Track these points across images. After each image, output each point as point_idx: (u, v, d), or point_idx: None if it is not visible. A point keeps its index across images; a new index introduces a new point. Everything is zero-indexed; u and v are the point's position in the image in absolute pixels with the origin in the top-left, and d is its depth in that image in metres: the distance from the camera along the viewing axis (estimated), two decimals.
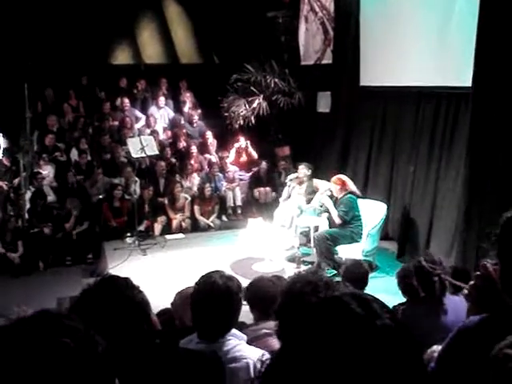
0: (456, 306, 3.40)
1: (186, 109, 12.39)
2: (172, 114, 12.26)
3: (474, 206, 6.88)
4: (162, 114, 12.13)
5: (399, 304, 4.02)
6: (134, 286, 1.94)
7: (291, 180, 9.00)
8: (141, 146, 8.95)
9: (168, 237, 9.45)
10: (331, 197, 8.11)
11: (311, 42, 11.31)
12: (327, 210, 8.09)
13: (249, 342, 2.65)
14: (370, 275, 7.66)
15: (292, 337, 1.03)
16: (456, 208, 7.39)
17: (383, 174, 9.31)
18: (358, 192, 8.05)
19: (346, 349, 0.94)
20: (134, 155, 9.18)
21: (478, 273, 1.77)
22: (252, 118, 11.29)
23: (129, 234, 9.19)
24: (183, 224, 9.85)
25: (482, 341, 1.35)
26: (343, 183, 7.91)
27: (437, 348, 2.04)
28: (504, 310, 1.42)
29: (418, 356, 1.02)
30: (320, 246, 7.64)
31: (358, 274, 4.43)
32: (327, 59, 10.84)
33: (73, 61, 11.67)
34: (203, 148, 11.56)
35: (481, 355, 1.26)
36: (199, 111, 12.33)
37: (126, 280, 1.95)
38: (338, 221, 7.83)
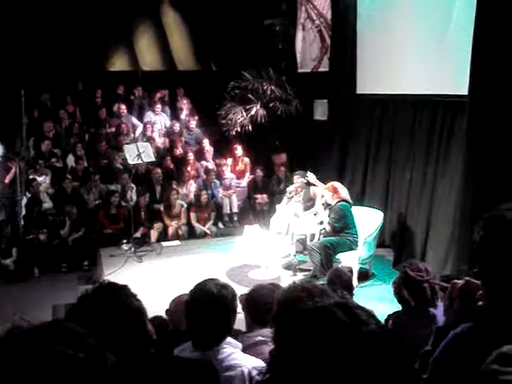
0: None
1: (183, 116, 12.40)
2: (169, 121, 12.28)
3: (470, 214, 6.89)
4: (158, 120, 12.14)
5: (394, 312, 4.02)
6: (132, 294, 1.92)
7: (291, 192, 9.00)
8: (137, 152, 8.95)
9: (164, 244, 9.44)
10: (327, 204, 8.12)
11: (308, 49, 11.34)
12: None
13: (243, 350, 2.64)
14: (367, 283, 7.78)
15: (285, 344, 1.05)
16: (452, 216, 7.40)
17: (380, 181, 9.33)
18: (349, 199, 8.05)
19: (334, 355, 0.97)
20: (131, 162, 9.18)
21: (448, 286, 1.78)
22: (249, 125, 11.30)
23: (125, 241, 9.17)
24: (179, 231, 9.84)
25: (478, 346, 1.35)
26: (335, 190, 7.91)
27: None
28: (488, 321, 1.44)
29: (406, 360, 1.03)
30: (318, 254, 7.61)
31: (343, 280, 4.42)
32: (324, 67, 10.87)
33: (70, 67, 11.69)
34: (200, 155, 11.57)
35: (477, 361, 1.26)
36: (196, 118, 12.34)
37: (124, 287, 1.94)
38: (328, 228, 7.87)
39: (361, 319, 1.02)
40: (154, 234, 9.67)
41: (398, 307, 4.02)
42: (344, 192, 8.02)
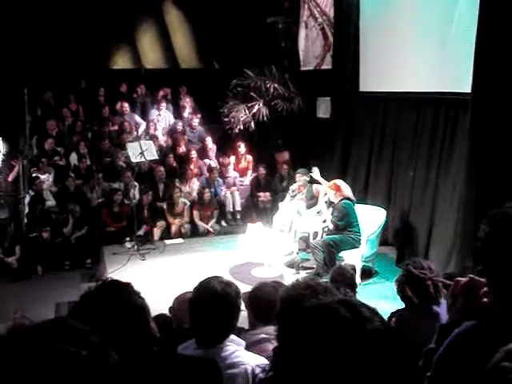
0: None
1: (185, 114, 12.41)
2: (172, 119, 12.29)
3: (473, 212, 6.87)
4: (162, 117, 12.15)
5: (397, 310, 4.01)
6: (135, 292, 1.92)
7: (293, 191, 8.99)
8: (140, 150, 8.96)
9: (167, 242, 9.45)
10: (330, 202, 8.12)
11: (311, 47, 11.32)
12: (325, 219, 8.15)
13: (247, 348, 2.64)
14: (370, 281, 7.78)
15: (288, 341, 1.05)
16: (455, 214, 7.39)
17: (383, 179, 9.31)
18: (352, 197, 8.04)
19: (338, 353, 0.96)
20: (134, 160, 9.19)
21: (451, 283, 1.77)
22: (252, 123, 11.30)
23: (128, 239, 9.19)
24: (182, 229, 9.85)
25: (482, 344, 1.35)
26: (338, 188, 7.89)
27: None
28: (492, 318, 1.44)
29: (410, 358, 1.03)
30: (321, 252, 7.60)
31: (346, 278, 4.42)
32: (327, 65, 10.85)
33: (73, 65, 11.70)
34: (203, 153, 11.57)
35: (480, 360, 1.26)
36: (199, 116, 12.34)
37: (127, 285, 1.94)
38: (330, 226, 7.87)
39: (365, 316, 1.02)
40: (157, 232, 9.68)
41: (401, 305, 4.02)
42: (347, 190, 8.00)
